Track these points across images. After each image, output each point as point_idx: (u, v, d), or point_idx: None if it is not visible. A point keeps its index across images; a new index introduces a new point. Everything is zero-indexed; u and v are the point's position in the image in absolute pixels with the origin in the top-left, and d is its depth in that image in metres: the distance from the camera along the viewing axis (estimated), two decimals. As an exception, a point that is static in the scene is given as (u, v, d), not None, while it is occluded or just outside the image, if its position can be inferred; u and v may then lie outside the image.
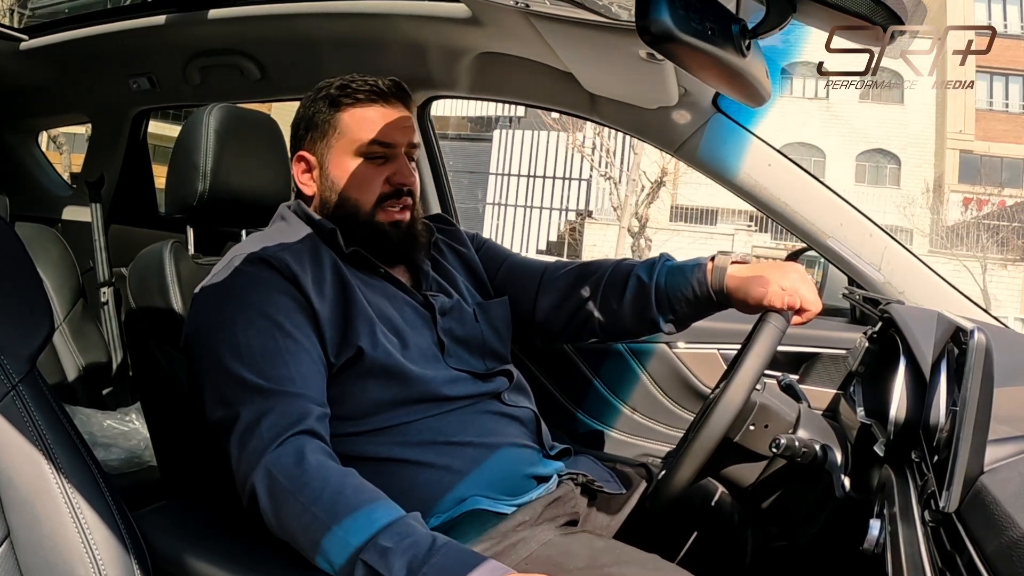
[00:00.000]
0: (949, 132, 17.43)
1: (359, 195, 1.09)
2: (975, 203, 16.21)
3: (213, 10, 1.77)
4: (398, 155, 1.10)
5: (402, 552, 0.78)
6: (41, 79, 2.17)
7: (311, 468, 0.86)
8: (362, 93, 1.08)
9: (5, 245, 0.86)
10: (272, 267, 1.00)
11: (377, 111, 1.09)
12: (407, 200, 1.11)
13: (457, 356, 1.11)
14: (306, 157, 1.11)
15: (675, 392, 1.72)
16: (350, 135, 1.08)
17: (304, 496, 0.84)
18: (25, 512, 0.80)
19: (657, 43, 0.65)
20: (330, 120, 1.09)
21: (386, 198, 1.09)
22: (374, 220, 1.09)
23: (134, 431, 1.83)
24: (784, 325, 0.99)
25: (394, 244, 1.10)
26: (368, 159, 1.08)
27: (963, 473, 0.61)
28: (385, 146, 1.08)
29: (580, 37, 1.30)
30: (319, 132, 1.10)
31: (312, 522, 0.83)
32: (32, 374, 0.84)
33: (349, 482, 0.86)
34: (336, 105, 1.09)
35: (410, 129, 1.11)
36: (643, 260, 1.21)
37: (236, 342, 0.96)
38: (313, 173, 1.11)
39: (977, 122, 17.44)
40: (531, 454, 1.09)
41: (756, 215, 17.26)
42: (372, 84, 1.09)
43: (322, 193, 1.11)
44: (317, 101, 1.10)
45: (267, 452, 0.88)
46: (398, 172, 1.09)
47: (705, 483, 1.17)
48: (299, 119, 1.13)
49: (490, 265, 1.28)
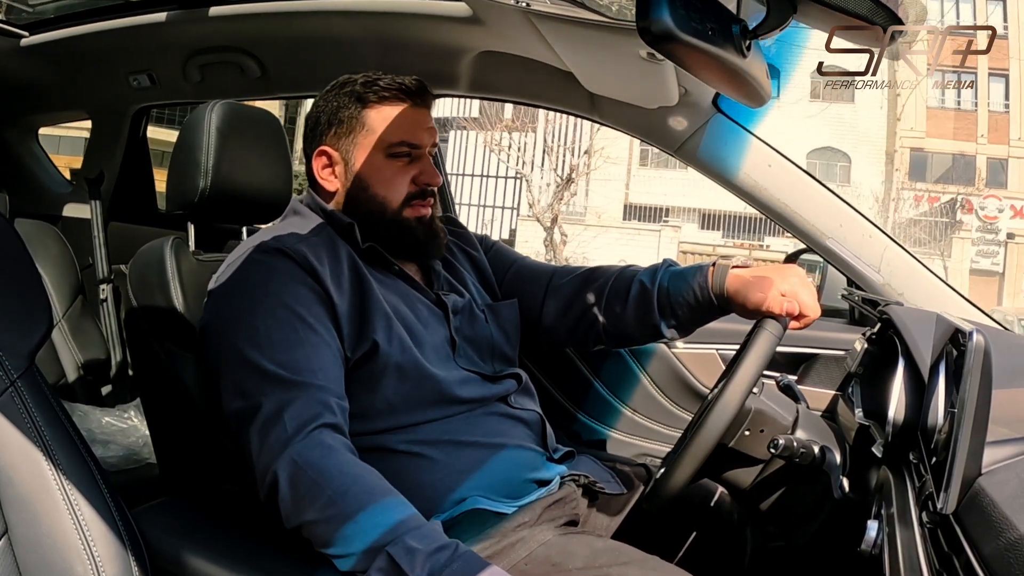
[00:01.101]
0: (900, 129, 17.69)
1: (387, 193, 1.08)
2: (926, 199, 16.49)
3: (214, 7, 1.77)
4: (423, 155, 1.10)
5: (428, 555, 0.79)
6: (41, 76, 2.17)
7: (338, 463, 0.87)
8: (389, 91, 1.08)
9: (4, 242, 0.86)
10: (290, 258, 1.00)
11: (404, 110, 1.08)
12: (430, 200, 1.11)
13: (467, 356, 1.11)
14: (329, 152, 1.10)
15: (674, 392, 1.72)
16: (378, 133, 1.08)
17: (331, 489, 0.84)
18: (23, 509, 0.80)
19: (657, 43, 0.65)
20: (357, 116, 1.08)
21: (413, 197, 1.09)
22: (401, 216, 1.09)
23: (132, 428, 1.83)
24: (780, 331, 0.98)
25: (419, 239, 1.11)
26: (395, 158, 1.08)
27: (961, 475, 0.61)
28: (412, 146, 1.09)
29: (581, 37, 1.30)
30: (344, 128, 1.09)
31: (337, 515, 0.83)
32: (31, 371, 0.84)
33: (376, 481, 0.87)
34: (363, 101, 1.08)
35: (434, 130, 1.12)
36: (647, 266, 1.21)
37: (255, 332, 0.95)
38: (335, 168, 1.10)
39: (928, 120, 17.70)
40: (535, 457, 1.09)
41: (708, 214, 18.03)
42: (400, 82, 1.09)
43: (347, 189, 1.10)
44: (341, 96, 1.09)
45: (292, 443, 0.88)
46: (424, 172, 1.10)
47: (704, 483, 1.17)
48: (319, 113, 1.11)
49: (499, 268, 1.28)
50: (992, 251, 16.24)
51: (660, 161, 18.57)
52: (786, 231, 1.59)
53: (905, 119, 17.62)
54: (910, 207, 16.44)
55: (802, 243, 1.60)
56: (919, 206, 16.49)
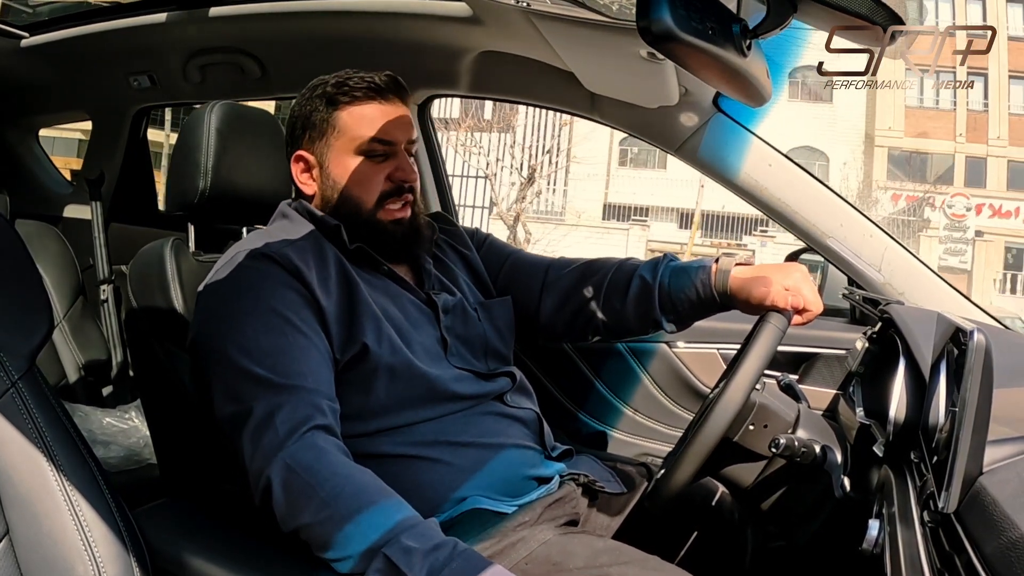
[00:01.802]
0: (878, 129, 17.84)
1: (360, 193, 1.08)
2: (904, 198, 16.66)
3: (214, 8, 1.77)
4: (398, 152, 1.09)
5: (425, 554, 0.79)
6: (42, 77, 2.17)
7: (331, 464, 0.87)
8: (359, 91, 1.08)
9: (5, 242, 0.86)
10: (276, 263, 1.00)
11: (375, 108, 1.08)
12: (408, 197, 1.10)
13: (460, 355, 1.11)
14: (305, 156, 1.11)
15: (675, 392, 1.72)
16: (349, 134, 1.07)
17: (324, 492, 0.84)
18: (24, 510, 0.80)
19: (658, 42, 0.65)
20: (328, 119, 1.08)
21: (387, 195, 1.09)
22: (375, 219, 1.09)
23: (133, 429, 1.83)
24: (785, 325, 0.98)
25: (397, 241, 1.10)
26: (368, 157, 1.08)
27: (962, 474, 0.61)
28: (385, 144, 1.08)
29: (581, 36, 1.30)
30: (317, 131, 1.09)
31: (331, 517, 0.83)
32: (31, 371, 0.84)
33: (370, 481, 0.87)
34: (334, 103, 1.08)
35: (409, 125, 1.11)
36: (647, 260, 1.21)
37: (244, 337, 0.95)
38: (313, 172, 1.11)
39: (907, 119, 17.83)
40: (533, 455, 1.09)
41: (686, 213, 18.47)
42: (369, 81, 1.08)
43: (323, 192, 1.10)
44: (313, 99, 1.09)
45: (284, 447, 0.88)
46: (399, 169, 1.09)
47: (705, 483, 1.17)
48: (295, 118, 1.12)
49: (492, 263, 1.27)
50: (960, 249, 16.43)
51: (639, 161, 19.29)
52: (787, 230, 1.59)
53: (883, 118, 17.73)
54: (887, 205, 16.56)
55: (803, 242, 1.60)
56: (897, 204, 16.60)
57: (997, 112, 17.49)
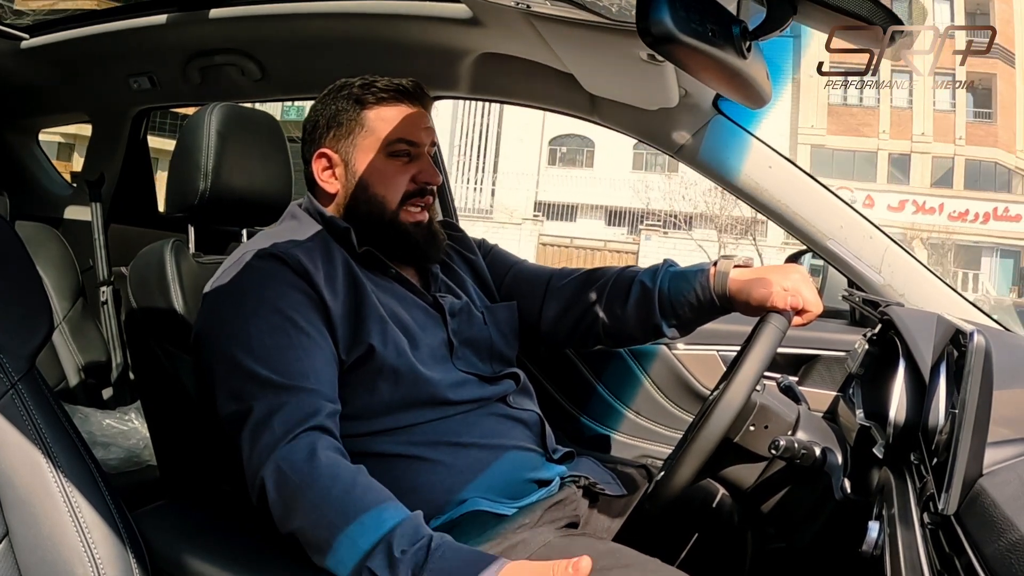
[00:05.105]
0: (801, 127, 17.93)
1: (385, 192, 1.09)
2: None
3: (214, 10, 1.77)
4: (422, 154, 1.11)
5: (407, 561, 0.79)
6: (41, 78, 2.17)
7: (322, 465, 0.87)
8: (387, 93, 1.09)
9: (5, 244, 0.86)
10: (284, 263, 1.00)
11: (402, 110, 1.09)
12: (428, 199, 1.12)
13: (465, 358, 1.11)
14: (328, 154, 1.11)
15: (675, 394, 1.71)
16: (377, 133, 1.09)
17: (314, 493, 0.84)
18: (24, 511, 0.80)
19: (658, 44, 0.65)
20: (356, 118, 1.09)
21: (411, 196, 1.10)
22: (397, 220, 1.10)
23: (133, 430, 1.83)
24: (785, 325, 0.99)
25: (417, 243, 1.11)
26: (394, 157, 1.09)
27: (962, 475, 0.61)
28: (411, 144, 1.09)
29: (581, 38, 1.30)
30: (344, 130, 1.10)
31: (321, 520, 0.83)
32: (31, 373, 0.84)
33: (360, 481, 0.87)
34: (361, 103, 1.09)
35: (431, 129, 1.13)
36: (647, 267, 1.21)
37: (248, 337, 0.96)
38: (336, 170, 1.11)
39: (830, 117, 17.93)
40: (534, 458, 1.09)
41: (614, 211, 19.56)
42: (396, 84, 1.10)
43: (348, 190, 1.11)
44: (339, 99, 1.10)
45: (278, 447, 0.88)
46: (423, 171, 1.10)
47: (705, 484, 1.17)
48: (318, 116, 1.12)
49: (497, 271, 1.28)
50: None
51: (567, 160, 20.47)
52: (787, 232, 1.59)
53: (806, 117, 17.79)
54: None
55: (803, 244, 1.60)
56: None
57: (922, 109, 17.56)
